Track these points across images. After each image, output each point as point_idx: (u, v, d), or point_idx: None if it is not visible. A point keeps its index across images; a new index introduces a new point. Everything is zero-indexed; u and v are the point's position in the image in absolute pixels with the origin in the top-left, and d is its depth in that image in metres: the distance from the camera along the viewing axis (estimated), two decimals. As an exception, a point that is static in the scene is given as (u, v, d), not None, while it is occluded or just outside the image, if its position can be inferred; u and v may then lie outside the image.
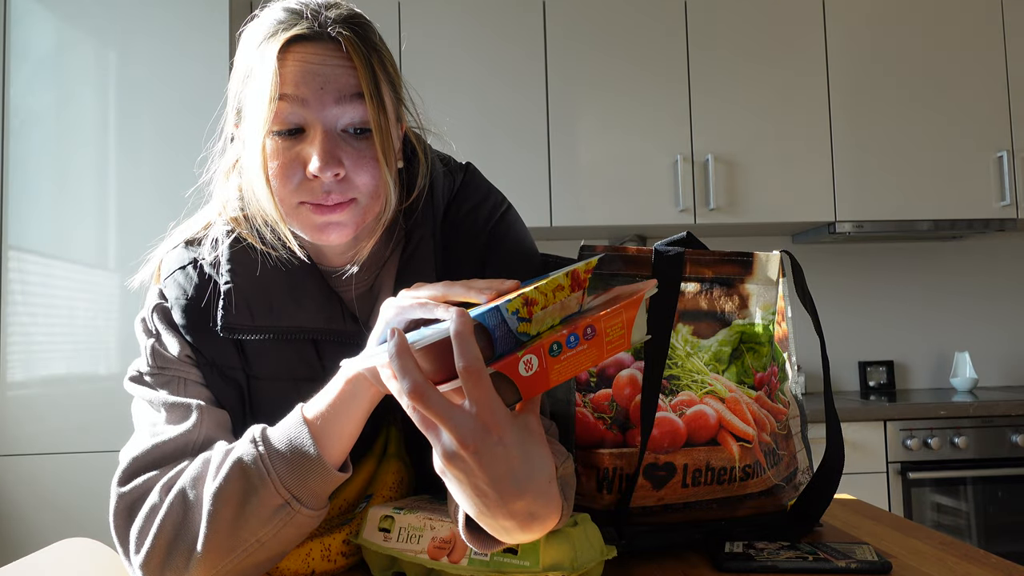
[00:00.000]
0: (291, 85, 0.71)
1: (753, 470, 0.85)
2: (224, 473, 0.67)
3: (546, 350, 0.53)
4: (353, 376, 0.66)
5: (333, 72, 0.72)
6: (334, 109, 0.72)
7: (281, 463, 0.67)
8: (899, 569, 0.75)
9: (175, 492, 0.68)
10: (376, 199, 0.75)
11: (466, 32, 2.73)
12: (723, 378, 0.84)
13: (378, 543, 0.73)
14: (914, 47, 2.81)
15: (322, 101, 0.71)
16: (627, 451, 0.80)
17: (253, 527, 0.67)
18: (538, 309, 0.54)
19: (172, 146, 2.39)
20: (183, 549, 0.67)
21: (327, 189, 0.72)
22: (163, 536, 0.67)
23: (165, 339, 0.79)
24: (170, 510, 0.68)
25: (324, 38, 0.72)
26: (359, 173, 0.73)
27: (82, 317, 2.32)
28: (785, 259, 0.90)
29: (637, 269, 0.82)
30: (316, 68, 0.71)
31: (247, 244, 0.79)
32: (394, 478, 0.85)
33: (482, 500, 0.55)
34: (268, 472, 0.67)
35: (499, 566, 0.64)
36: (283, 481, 0.67)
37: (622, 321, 0.55)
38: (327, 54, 0.72)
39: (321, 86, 0.71)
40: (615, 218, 2.72)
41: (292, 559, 0.74)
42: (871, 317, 3.10)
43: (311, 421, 0.67)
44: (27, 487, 2.28)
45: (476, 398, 0.52)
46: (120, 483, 0.71)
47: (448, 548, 0.68)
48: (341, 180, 0.72)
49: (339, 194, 0.72)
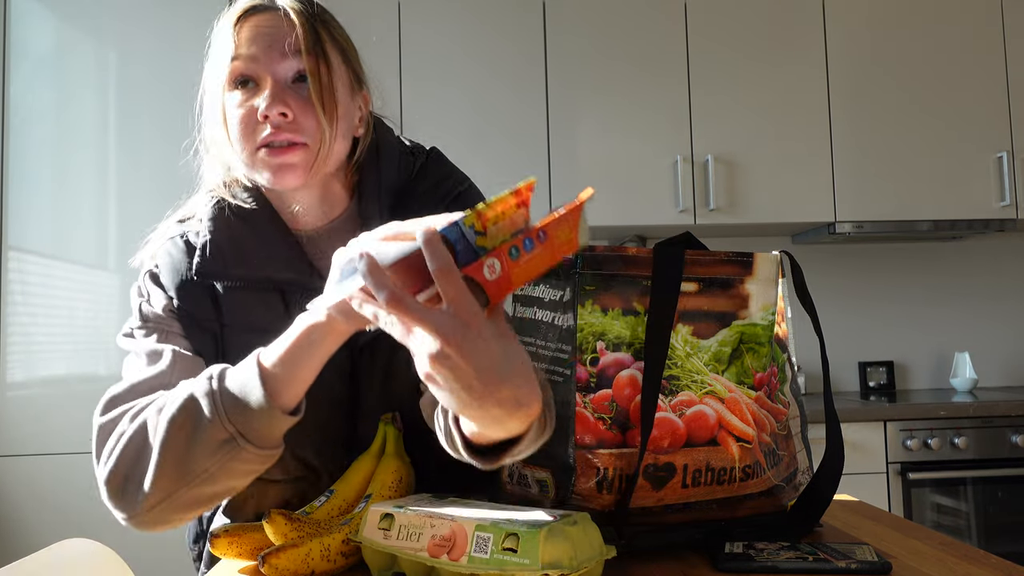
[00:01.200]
0: (244, 46, 0.84)
1: (753, 470, 0.85)
2: (179, 403, 0.73)
3: (506, 254, 0.59)
4: (311, 325, 0.70)
5: (280, 32, 0.84)
6: (281, 64, 0.84)
7: (230, 400, 0.72)
8: (899, 569, 0.75)
9: (139, 420, 0.76)
10: (319, 140, 0.85)
11: (466, 32, 2.73)
12: (723, 378, 0.84)
13: (378, 542, 0.73)
14: (914, 48, 2.82)
15: (269, 56, 0.84)
16: (627, 451, 0.80)
17: (200, 457, 0.72)
18: (491, 224, 0.60)
19: (172, 146, 2.39)
20: (140, 470, 0.74)
21: (276, 124, 0.83)
22: (125, 458, 0.75)
23: (152, 298, 0.90)
24: (133, 436, 0.75)
25: (274, 8, 0.86)
26: (306, 117, 0.84)
27: (82, 317, 2.32)
28: (785, 259, 0.90)
29: (637, 269, 0.82)
30: (265, 31, 0.84)
31: (227, 207, 0.91)
32: (393, 477, 0.85)
33: (470, 394, 0.57)
34: (216, 406, 0.72)
35: (499, 564, 0.64)
36: (229, 417, 0.71)
37: (569, 224, 0.63)
38: (275, 22, 0.85)
39: (269, 44, 0.84)
40: (615, 218, 2.72)
41: (292, 559, 0.74)
42: (871, 317, 3.10)
43: (264, 365, 0.72)
44: (27, 487, 2.28)
45: (452, 297, 0.56)
46: (99, 415, 0.80)
47: (448, 546, 0.68)
48: (291, 122, 0.83)
49: (289, 133, 0.83)
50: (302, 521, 0.80)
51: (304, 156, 0.84)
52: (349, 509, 0.86)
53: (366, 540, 0.74)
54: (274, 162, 0.84)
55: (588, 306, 0.80)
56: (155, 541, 2.26)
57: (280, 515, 0.79)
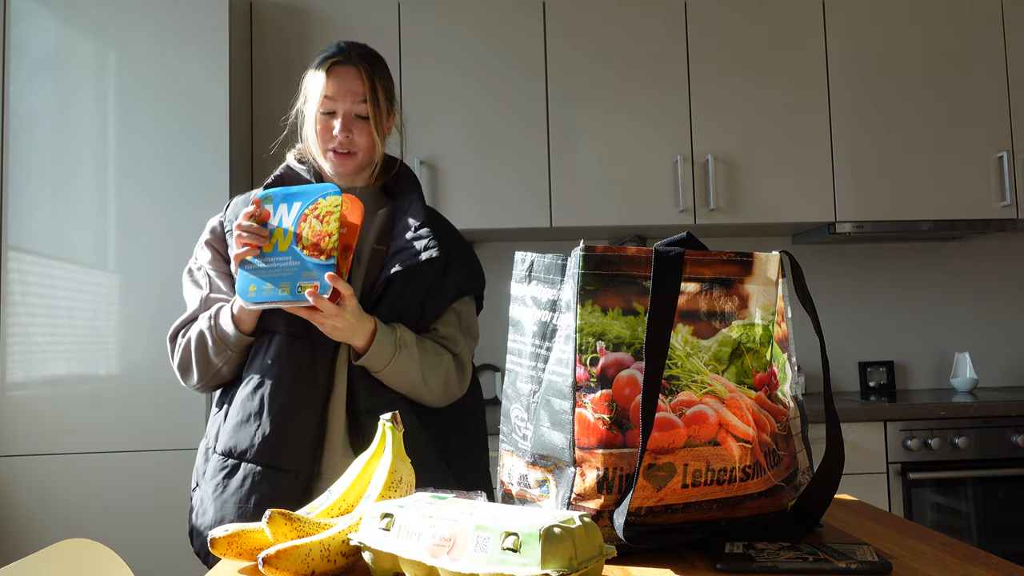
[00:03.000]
0: (330, 90, 1.36)
1: (753, 471, 0.85)
2: (197, 333, 1.34)
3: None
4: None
5: (352, 86, 1.36)
6: (351, 107, 1.36)
7: (219, 331, 1.32)
8: (899, 569, 0.75)
9: (186, 339, 1.36)
10: (368, 153, 1.40)
11: (466, 33, 2.73)
12: (723, 378, 0.84)
13: (378, 542, 0.73)
14: (914, 47, 2.82)
15: (343, 102, 1.36)
16: (627, 451, 0.80)
17: (212, 356, 1.34)
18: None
19: (172, 146, 2.39)
20: (189, 364, 1.36)
21: (341, 142, 1.36)
22: (183, 359, 1.37)
23: (200, 252, 1.41)
24: (184, 347, 1.36)
25: (351, 62, 1.37)
26: (360, 137, 1.37)
27: (82, 317, 2.32)
28: (785, 259, 0.90)
29: (637, 269, 0.82)
30: (343, 82, 1.36)
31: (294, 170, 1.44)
32: (393, 477, 0.85)
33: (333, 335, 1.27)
34: (213, 335, 1.32)
35: (499, 564, 0.64)
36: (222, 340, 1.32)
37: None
38: (350, 74, 1.36)
39: (344, 94, 1.36)
40: (615, 218, 2.72)
41: (292, 560, 0.74)
42: (871, 317, 3.10)
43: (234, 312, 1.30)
44: (27, 487, 2.28)
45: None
46: (169, 340, 1.40)
47: (448, 546, 0.68)
48: (351, 141, 1.37)
49: (349, 146, 1.37)
50: (302, 521, 0.80)
51: (354, 160, 1.39)
52: (349, 509, 0.86)
53: (366, 540, 0.74)
54: (336, 162, 1.39)
55: (588, 306, 0.80)
56: (155, 541, 2.26)
57: (280, 515, 0.79)
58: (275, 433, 1.26)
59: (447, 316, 1.42)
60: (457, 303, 1.43)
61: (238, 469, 1.26)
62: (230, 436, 1.28)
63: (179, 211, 2.35)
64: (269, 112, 2.66)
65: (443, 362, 1.36)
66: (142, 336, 2.31)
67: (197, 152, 2.39)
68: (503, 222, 2.69)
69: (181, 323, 1.38)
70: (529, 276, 0.88)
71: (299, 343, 1.29)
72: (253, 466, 1.25)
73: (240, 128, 2.56)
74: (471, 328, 1.46)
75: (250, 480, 1.24)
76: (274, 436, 1.25)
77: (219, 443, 1.30)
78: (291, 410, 1.27)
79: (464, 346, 1.41)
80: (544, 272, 0.86)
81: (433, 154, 2.61)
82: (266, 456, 1.25)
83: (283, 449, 1.25)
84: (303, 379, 1.28)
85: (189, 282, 1.41)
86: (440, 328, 1.40)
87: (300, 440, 1.26)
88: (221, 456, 1.28)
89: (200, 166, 2.38)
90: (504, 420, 0.90)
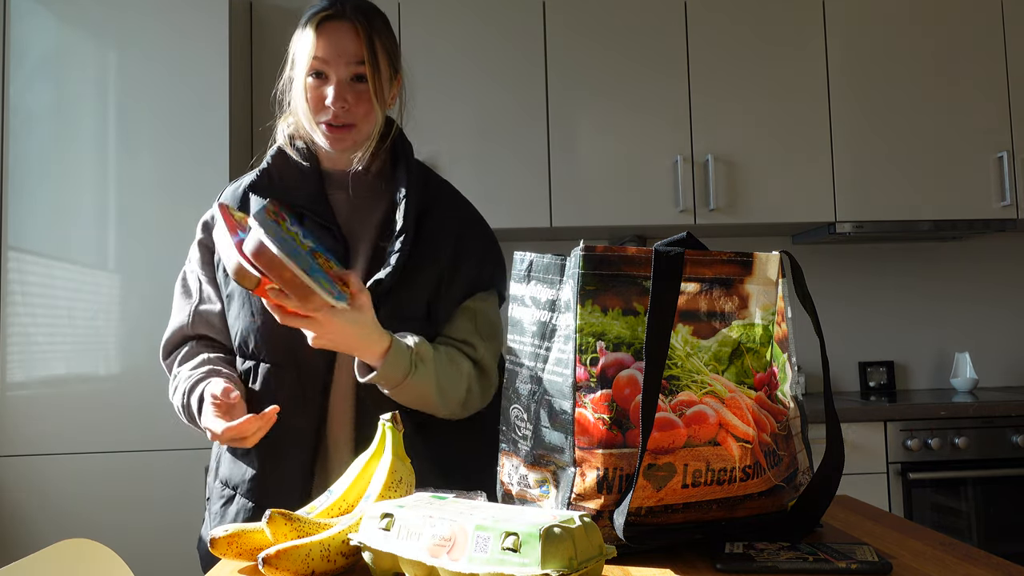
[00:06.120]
0: (321, 49, 1.15)
1: (753, 471, 0.85)
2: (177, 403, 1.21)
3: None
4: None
5: (346, 42, 1.15)
6: (345, 68, 1.16)
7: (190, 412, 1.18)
8: (899, 569, 0.75)
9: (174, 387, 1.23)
10: (367, 123, 1.19)
11: (466, 32, 2.73)
12: (723, 378, 0.84)
13: (378, 542, 0.73)
14: (914, 47, 2.82)
15: (337, 62, 1.15)
16: (627, 451, 0.80)
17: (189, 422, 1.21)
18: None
19: (172, 146, 2.39)
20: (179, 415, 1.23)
21: (336, 113, 1.16)
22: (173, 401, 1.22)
23: (193, 253, 1.28)
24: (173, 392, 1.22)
25: (344, 17, 1.15)
26: (358, 105, 1.17)
27: (82, 317, 2.32)
28: (785, 259, 0.90)
29: (637, 269, 0.82)
30: (336, 40, 1.15)
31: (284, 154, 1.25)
32: (393, 477, 0.85)
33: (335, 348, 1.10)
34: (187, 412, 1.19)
35: (499, 564, 0.64)
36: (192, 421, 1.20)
37: None
38: (344, 31, 1.15)
39: (338, 52, 1.15)
40: (615, 218, 2.72)
41: (292, 560, 0.74)
42: (871, 317, 3.10)
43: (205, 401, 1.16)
44: (27, 487, 2.28)
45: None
46: (162, 360, 1.29)
47: (448, 546, 0.68)
48: (347, 111, 1.16)
49: (343, 117, 1.17)
50: (302, 521, 0.80)
51: (352, 134, 1.19)
52: (349, 509, 0.86)
53: (366, 540, 0.74)
54: (331, 136, 1.19)
55: (588, 306, 0.80)
56: (155, 541, 2.26)
57: (280, 515, 0.79)
58: (262, 472, 1.18)
59: (460, 317, 1.22)
60: (471, 300, 1.23)
61: (234, 500, 1.21)
62: (226, 467, 1.23)
63: (179, 211, 2.35)
64: (269, 113, 2.66)
65: (462, 373, 1.17)
66: (142, 336, 2.31)
67: (197, 153, 2.39)
68: (503, 222, 2.69)
69: (171, 343, 1.27)
70: (528, 276, 0.88)
71: (283, 372, 1.17)
72: (246, 501, 1.19)
73: (240, 128, 2.56)
74: (492, 329, 1.25)
75: (243, 514, 1.19)
76: (261, 475, 1.18)
77: (220, 469, 1.25)
78: (278, 448, 1.16)
79: (484, 351, 1.21)
80: (543, 272, 0.86)
81: (432, 153, 2.61)
82: (256, 494, 1.18)
83: (272, 489, 1.17)
84: (291, 412, 1.13)
85: (180, 288, 1.28)
86: (453, 333, 1.21)
87: (289, 477, 1.17)
88: (221, 484, 1.23)
89: (200, 167, 2.38)
90: (504, 420, 0.90)
